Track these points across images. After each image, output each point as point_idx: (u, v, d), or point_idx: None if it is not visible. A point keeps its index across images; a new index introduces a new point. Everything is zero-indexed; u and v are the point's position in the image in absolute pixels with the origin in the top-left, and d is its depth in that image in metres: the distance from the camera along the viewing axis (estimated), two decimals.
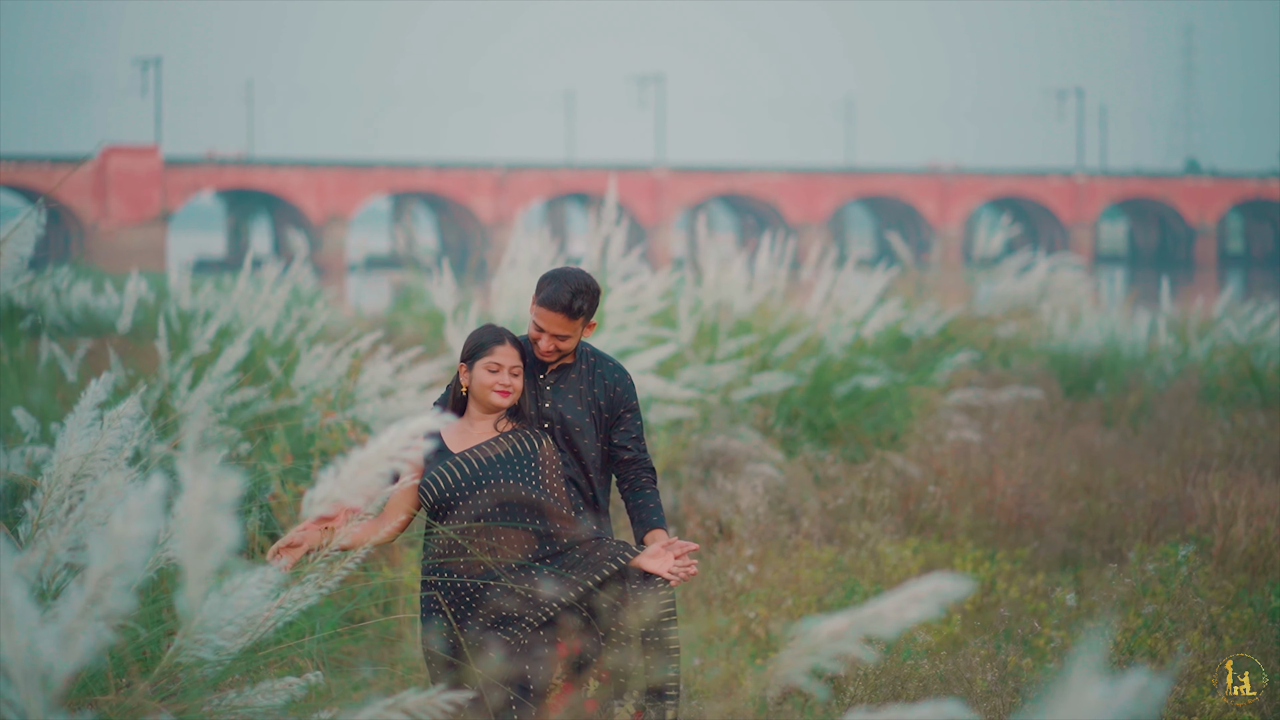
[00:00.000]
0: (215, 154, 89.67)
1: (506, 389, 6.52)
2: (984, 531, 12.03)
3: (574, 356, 6.77)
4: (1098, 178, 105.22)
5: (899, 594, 3.10)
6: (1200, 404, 18.86)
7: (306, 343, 13.40)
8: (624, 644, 6.39)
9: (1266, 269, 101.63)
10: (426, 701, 4.22)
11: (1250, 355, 20.44)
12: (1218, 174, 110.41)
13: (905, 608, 3.09)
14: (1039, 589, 10.22)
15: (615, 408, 6.72)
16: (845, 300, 17.14)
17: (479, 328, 6.78)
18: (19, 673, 2.71)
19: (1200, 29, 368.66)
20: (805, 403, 14.79)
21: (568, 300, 6.53)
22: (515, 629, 6.33)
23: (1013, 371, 20.46)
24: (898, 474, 13.06)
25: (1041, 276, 25.88)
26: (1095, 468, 13.57)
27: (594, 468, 6.69)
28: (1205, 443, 15.41)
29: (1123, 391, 20.06)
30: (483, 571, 6.41)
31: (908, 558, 10.63)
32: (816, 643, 3.12)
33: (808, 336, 15.33)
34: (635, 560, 6.42)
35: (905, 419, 14.84)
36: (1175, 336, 22.49)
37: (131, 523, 3.03)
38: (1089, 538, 12.01)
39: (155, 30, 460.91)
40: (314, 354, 12.42)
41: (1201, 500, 11.36)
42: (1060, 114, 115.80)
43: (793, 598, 9.60)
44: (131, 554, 3.02)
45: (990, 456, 12.98)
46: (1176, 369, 21.17)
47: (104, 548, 3.02)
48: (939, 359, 16.87)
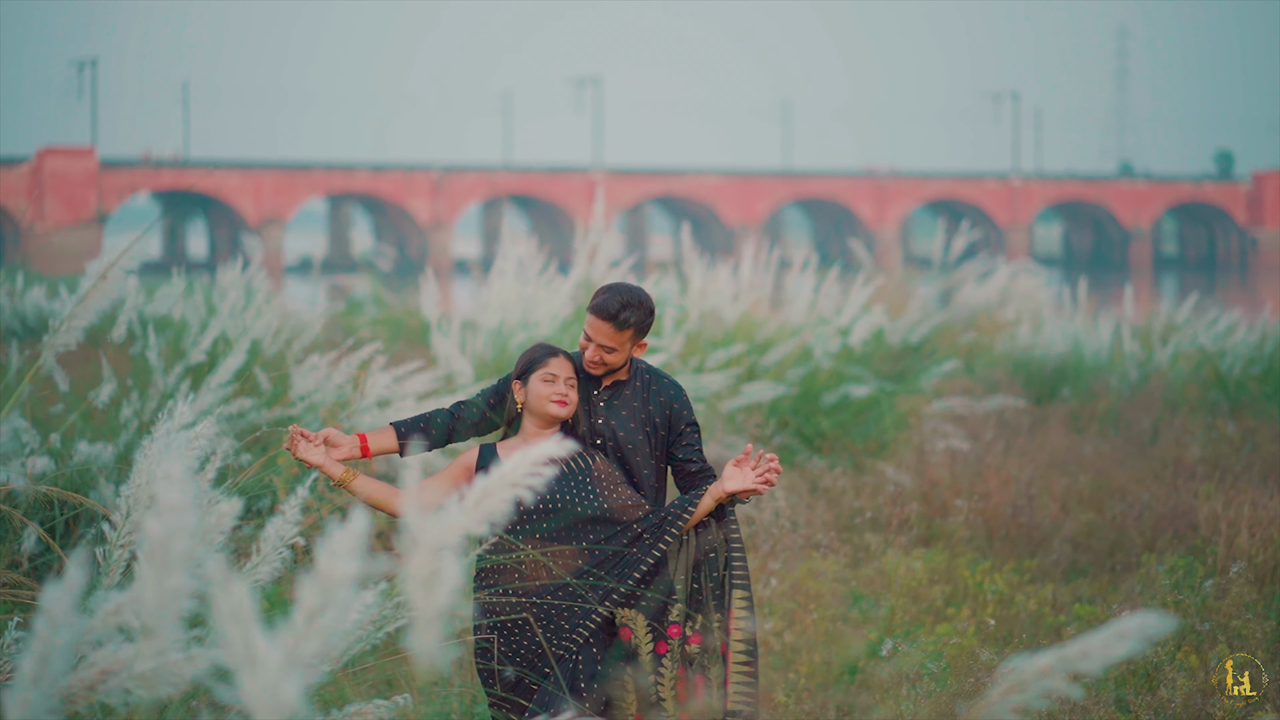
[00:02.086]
0: (151, 155, 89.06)
1: (563, 398, 6.54)
2: (978, 541, 12.05)
3: (628, 373, 6.76)
4: (1033, 180, 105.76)
5: (1104, 631, 3.11)
6: (1168, 410, 18.96)
7: (301, 352, 13.31)
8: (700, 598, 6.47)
9: (1201, 272, 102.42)
10: None
11: (1217, 361, 20.56)
12: (1152, 177, 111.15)
13: (1111, 645, 3.09)
14: (1058, 601, 10.25)
15: (675, 424, 6.71)
16: (829, 309, 17.15)
17: (532, 345, 6.81)
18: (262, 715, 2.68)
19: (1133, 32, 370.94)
20: (794, 411, 14.79)
21: (615, 310, 6.55)
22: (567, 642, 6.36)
23: (975, 379, 20.52)
24: (893, 484, 13.08)
25: (1003, 282, 26.01)
26: (1087, 477, 13.62)
27: (646, 485, 6.67)
28: (1183, 449, 15.50)
29: (1089, 397, 20.15)
30: (537, 588, 6.41)
31: (918, 570, 10.64)
32: (1025, 679, 3.12)
33: (795, 346, 15.34)
34: (713, 488, 6.48)
35: (895, 428, 14.86)
36: (1140, 342, 22.59)
37: (338, 561, 3.00)
38: (1085, 547, 12.05)
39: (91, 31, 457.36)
40: (309, 364, 12.35)
41: (1203, 511, 11.43)
42: (996, 117, 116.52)
43: (817, 610, 9.59)
44: (338, 594, 2.98)
45: (985, 466, 13.01)
46: (1141, 375, 21.27)
47: (311, 588, 2.98)
48: (925, 367, 16.91)
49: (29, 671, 3.13)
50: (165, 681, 3.20)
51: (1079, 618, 9.58)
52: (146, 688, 3.23)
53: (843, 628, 9.35)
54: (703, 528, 6.56)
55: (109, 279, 4.85)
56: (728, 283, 16.18)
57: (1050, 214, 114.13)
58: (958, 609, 10.05)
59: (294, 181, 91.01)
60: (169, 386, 11.62)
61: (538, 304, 14.41)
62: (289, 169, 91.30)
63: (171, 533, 3.04)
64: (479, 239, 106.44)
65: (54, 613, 3.11)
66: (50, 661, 3.11)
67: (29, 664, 3.13)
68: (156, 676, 3.17)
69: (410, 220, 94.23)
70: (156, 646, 3.03)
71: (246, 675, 2.72)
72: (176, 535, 3.04)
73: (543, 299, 14.46)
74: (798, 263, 18.19)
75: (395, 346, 20.37)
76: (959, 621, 9.73)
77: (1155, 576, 10.28)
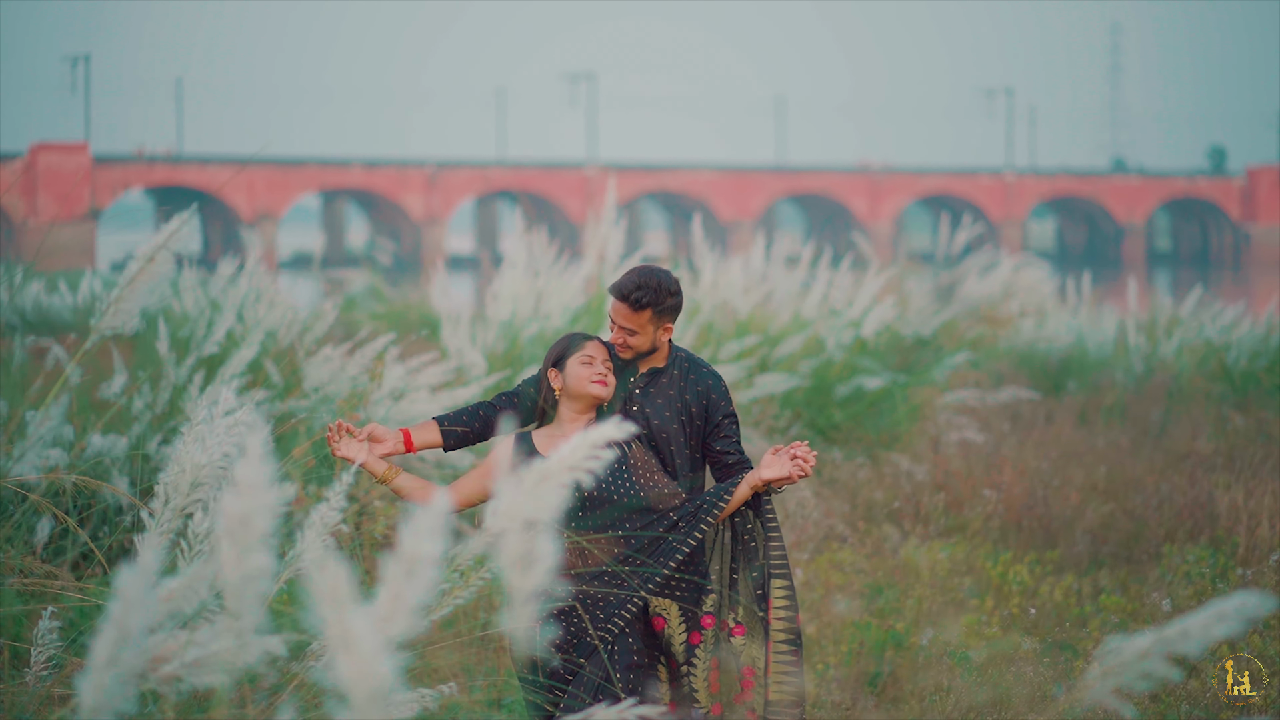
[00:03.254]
0: (145, 151, 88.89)
1: (603, 378, 6.51)
2: (993, 533, 12.00)
3: (665, 360, 6.67)
4: (1027, 176, 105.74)
5: (1204, 612, 3.05)
6: (1174, 403, 18.93)
7: (313, 344, 13.25)
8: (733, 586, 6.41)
9: (1194, 267, 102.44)
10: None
11: (1223, 354, 20.52)
12: (1145, 173, 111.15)
13: (1211, 625, 3.03)
14: (1085, 591, 10.20)
15: (712, 414, 6.60)
16: (840, 301, 17.09)
17: (564, 335, 6.76)
18: (362, 697, 2.61)
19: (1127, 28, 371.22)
20: (806, 403, 14.74)
21: (629, 290, 6.49)
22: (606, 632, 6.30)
23: (982, 372, 20.47)
24: (907, 476, 13.03)
25: (1006, 276, 25.94)
26: (1102, 469, 13.57)
27: (680, 475, 6.58)
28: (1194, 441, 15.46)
29: (1095, 391, 20.12)
30: (573, 576, 6.34)
31: (942, 561, 10.59)
32: (1124, 661, 3.06)
33: (808, 338, 15.27)
34: (750, 476, 6.42)
35: (908, 420, 14.81)
36: (1145, 335, 22.54)
37: (422, 541, 2.93)
38: (1104, 539, 11.99)
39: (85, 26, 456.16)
40: (322, 355, 12.30)
41: (1224, 502, 11.38)
42: (990, 113, 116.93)
43: (845, 601, 9.53)
44: (423, 573, 2.92)
45: (1001, 457, 12.96)
46: (1146, 368, 21.24)
47: (394, 567, 2.91)
48: (937, 359, 16.85)
49: (102, 655, 3.06)
50: (244, 663, 3.13)
51: (1105, 609, 9.53)
52: (224, 669, 3.16)
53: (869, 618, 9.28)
54: (739, 517, 6.49)
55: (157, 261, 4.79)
56: (739, 275, 16.13)
57: (1044, 209, 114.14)
58: (981, 600, 9.99)
59: (288, 177, 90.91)
60: (180, 379, 11.55)
61: (549, 295, 14.35)
62: (283, 165, 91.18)
63: (251, 511, 2.97)
64: (473, 235, 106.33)
65: (129, 595, 3.04)
66: (125, 645, 3.04)
67: (102, 647, 3.06)
68: (236, 657, 3.11)
69: (404, 216, 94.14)
70: (239, 627, 2.96)
71: (343, 655, 2.65)
72: (257, 514, 2.97)
73: (554, 290, 14.39)
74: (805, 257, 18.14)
75: (398, 340, 20.30)
76: (983, 613, 9.68)
77: (1178, 567, 10.24)
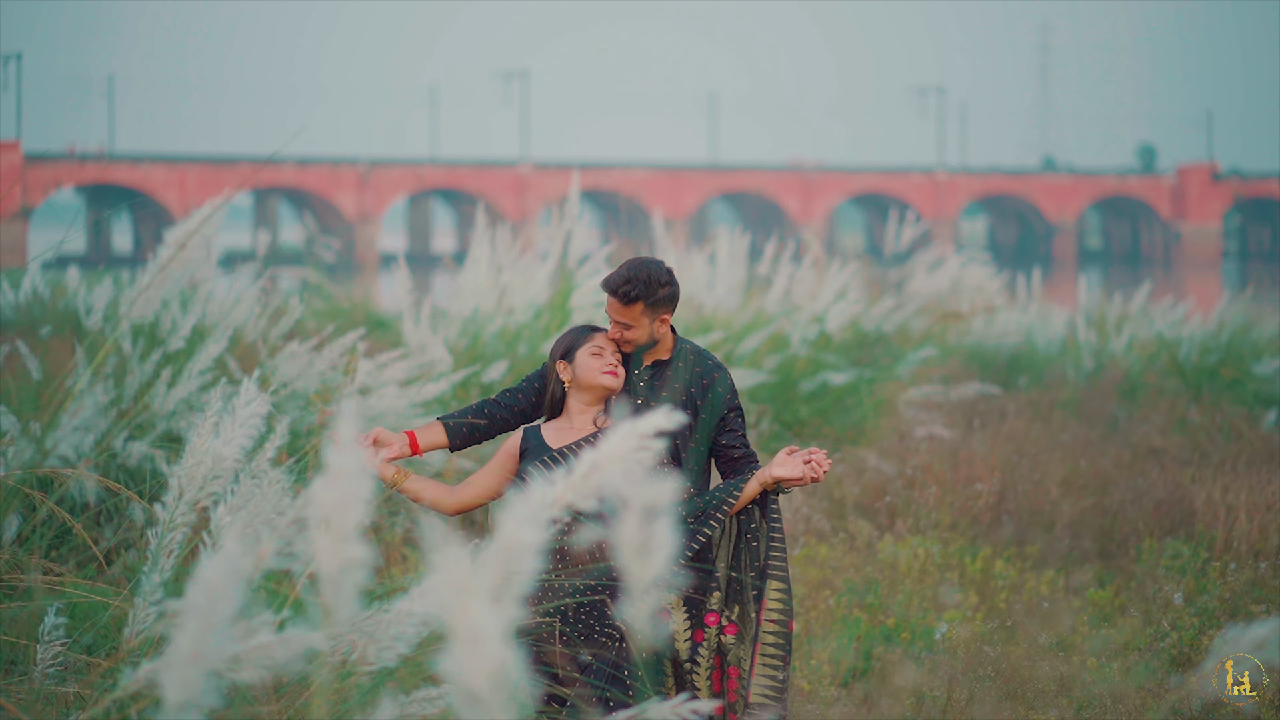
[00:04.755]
0: (76, 149, 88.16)
1: (614, 369, 6.44)
2: (969, 528, 11.95)
3: (670, 352, 6.59)
4: (958, 174, 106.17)
5: None
6: (1125, 398, 18.99)
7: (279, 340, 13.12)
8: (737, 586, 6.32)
9: (1125, 265, 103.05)
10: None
11: (1174, 349, 20.58)
12: (1075, 171, 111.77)
13: None
14: (1071, 585, 10.18)
15: (717, 408, 6.51)
16: (803, 296, 17.03)
17: (569, 328, 6.67)
18: (488, 693, 2.51)
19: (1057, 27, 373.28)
20: (772, 399, 14.68)
21: (618, 284, 6.42)
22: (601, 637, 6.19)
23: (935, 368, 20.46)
24: (875, 471, 12.98)
25: (954, 273, 25.94)
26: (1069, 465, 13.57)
27: (685, 468, 6.48)
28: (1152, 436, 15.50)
29: (1045, 387, 20.16)
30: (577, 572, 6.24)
31: (921, 555, 10.54)
32: (1238, 653, 2.99)
33: (771, 332, 15.21)
34: (760, 474, 6.33)
35: (873, 415, 14.77)
36: (1095, 331, 22.60)
37: (523, 529, 2.84)
38: (1080, 534, 11.98)
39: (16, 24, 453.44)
40: (288, 351, 12.17)
41: (1201, 497, 11.38)
42: (921, 111, 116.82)
43: (834, 597, 9.47)
44: (525, 561, 2.83)
45: (969, 452, 12.93)
46: (1097, 364, 21.30)
47: (496, 557, 2.82)
48: (900, 355, 16.83)
49: (184, 647, 2.95)
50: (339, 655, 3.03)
51: (1093, 603, 9.51)
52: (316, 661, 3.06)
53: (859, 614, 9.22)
54: (744, 515, 6.40)
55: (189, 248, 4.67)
56: (703, 271, 16.06)
57: (975, 208, 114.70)
58: (965, 595, 9.95)
59: (219, 175, 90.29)
60: (145, 375, 11.42)
61: (514, 291, 14.25)
62: (214, 163, 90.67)
63: (346, 500, 2.87)
64: (405, 233, 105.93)
65: (212, 585, 2.93)
66: (209, 637, 2.93)
67: (184, 640, 2.95)
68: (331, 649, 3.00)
69: (337, 214, 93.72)
70: (336, 620, 2.86)
71: (465, 647, 2.55)
72: (352, 503, 2.87)
73: (519, 286, 14.29)
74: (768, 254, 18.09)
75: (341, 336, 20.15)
76: (967, 609, 9.64)
77: (1159, 562, 10.23)
